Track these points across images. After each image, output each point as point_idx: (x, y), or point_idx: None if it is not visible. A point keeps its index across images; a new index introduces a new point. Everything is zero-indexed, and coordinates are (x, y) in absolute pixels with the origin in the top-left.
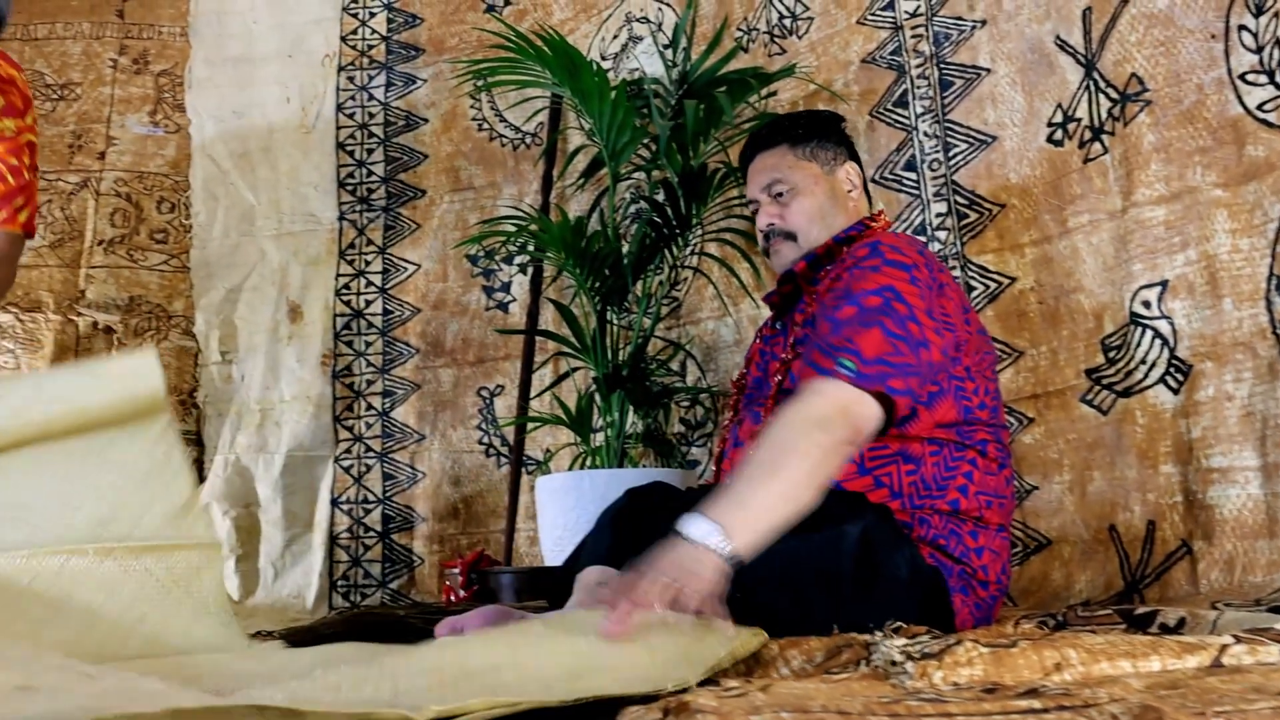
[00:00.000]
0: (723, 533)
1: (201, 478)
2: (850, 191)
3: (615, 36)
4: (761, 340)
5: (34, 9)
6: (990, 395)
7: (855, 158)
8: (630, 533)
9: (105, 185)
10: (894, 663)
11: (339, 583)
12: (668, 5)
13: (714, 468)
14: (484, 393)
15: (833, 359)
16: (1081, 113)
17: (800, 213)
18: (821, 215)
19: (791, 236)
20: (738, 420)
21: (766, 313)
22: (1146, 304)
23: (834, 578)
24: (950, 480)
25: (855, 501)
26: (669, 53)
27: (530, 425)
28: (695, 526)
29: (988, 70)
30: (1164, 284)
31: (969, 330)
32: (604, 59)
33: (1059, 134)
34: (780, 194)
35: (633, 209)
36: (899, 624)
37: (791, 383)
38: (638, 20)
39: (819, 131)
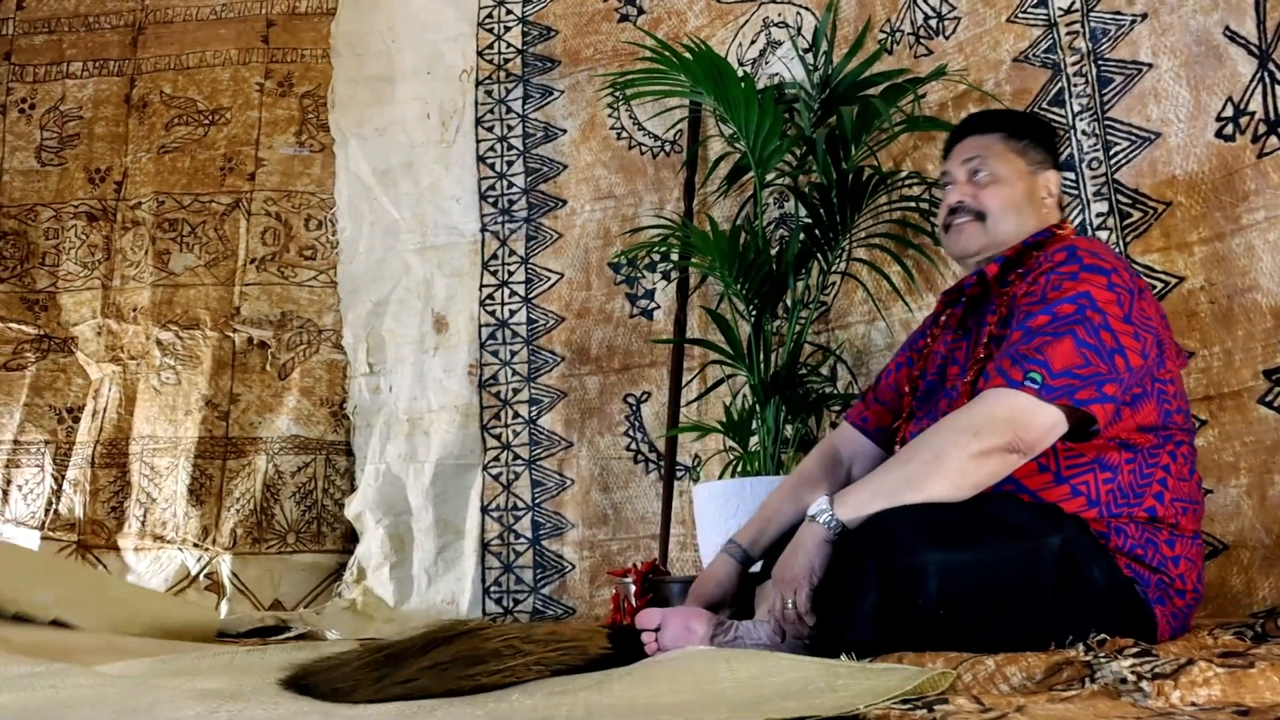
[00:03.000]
0: (830, 507)
1: (352, 487)
2: (1045, 198)
3: (753, 42)
4: (931, 339)
5: (185, 40)
6: (1183, 399)
7: (1059, 170)
8: None
9: (256, 205)
10: (1124, 681)
11: (491, 589)
12: (807, 9)
13: None
14: (630, 399)
15: (1022, 369)
16: (1255, 106)
17: (995, 197)
18: (1016, 209)
19: (981, 218)
20: (915, 415)
21: (917, 315)
22: None
23: (1035, 591)
24: (1146, 487)
25: (1052, 513)
26: (809, 57)
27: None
28: (816, 504)
29: (1149, 65)
30: None
31: (1170, 333)
32: (741, 64)
33: (1229, 129)
34: (979, 174)
35: (778, 214)
36: (1103, 635)
37: (986, 382)
38: (775, 25)
39: (1034, 132)
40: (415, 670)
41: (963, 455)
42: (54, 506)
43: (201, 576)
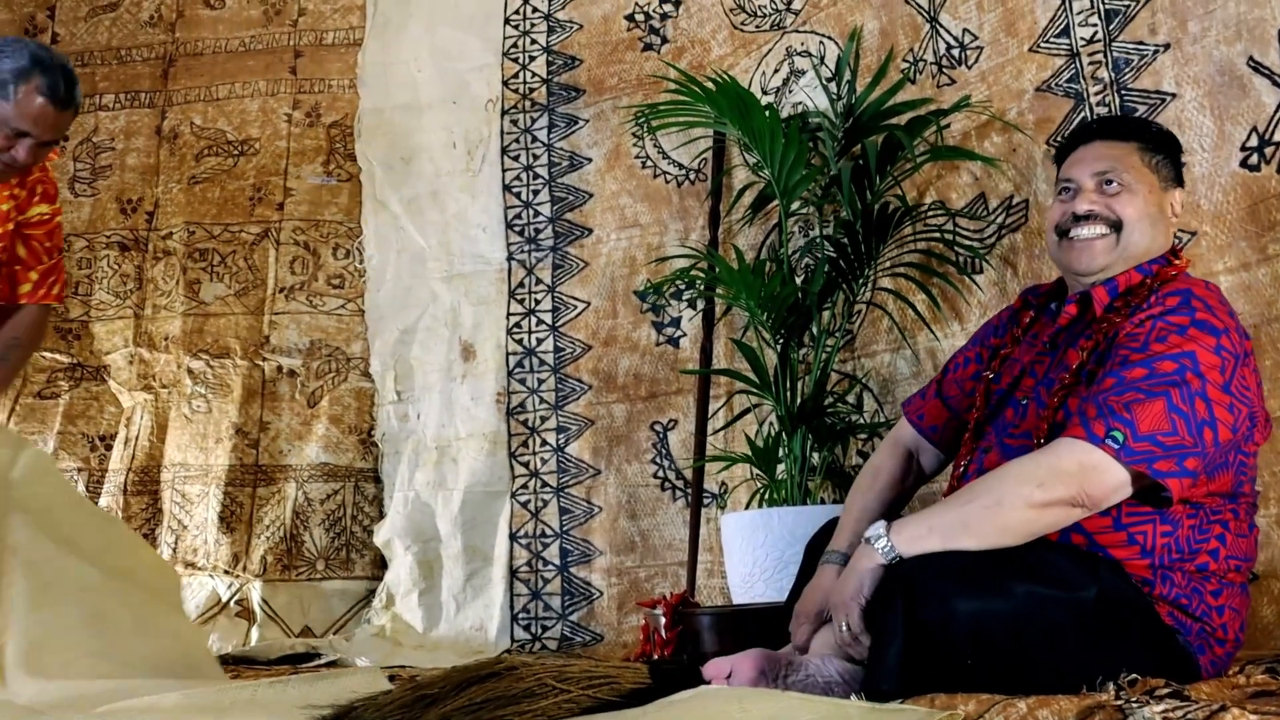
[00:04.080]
0: (888, 534)
1: (381, 514)
2: (1172, 219)
3: (776, 70)
4: (1012, 340)
5: (215, 71)
6: (1255, 469)
7: (1182, 188)
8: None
9: (284, 234)
10: None
11: (520, 615)
12: (829, 38)
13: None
14: (657, 427)
15: (1105, 424)
16: None
17: (1132, 205)
18: (1151, 221)
19: (1117, 227)
20: (980, 426)
21: (943, 343)
22: None
23: (1068, 641)
24: (1203, 543)
25: (1089, 562)
26: (833, 86)
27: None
28: (873, 529)
29: (1173, 95)
30: None
31: (1262, 400)
32: (764, 93)
33: (1254, 159)
34: (1111, 183)
35: (803, 241)
36: (1134, 675)
37: (1067, 417)
38: (799, 54)
39: (1167, 147)
40: (450, 710)
41: (1023, 504)
42: None
43: (232, 603)
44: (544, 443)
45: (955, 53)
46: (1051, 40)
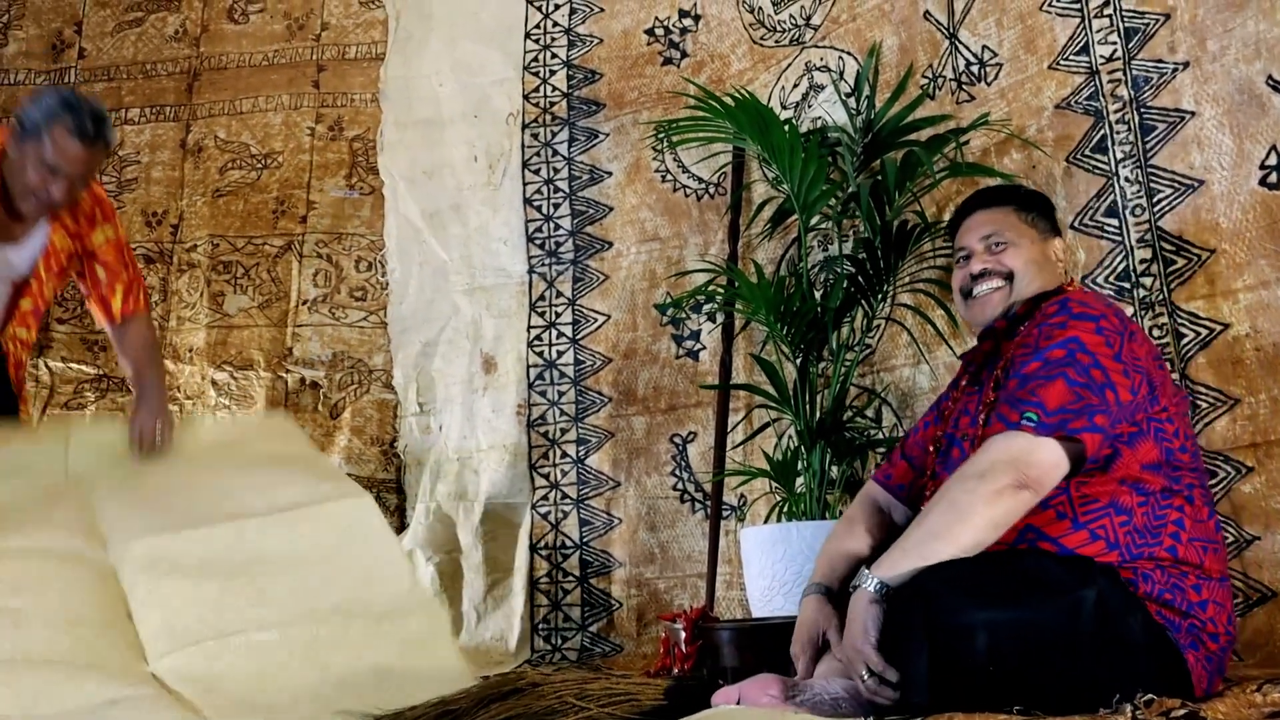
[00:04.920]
0: (871, 573)
1: (403, 525)
2: (1057, 262)
3: (795, 85)
4: (954, 400)
5: (239, 85)
6: (1190, 439)
7: (1062, 237)
8: None
9: (307, 247)
10: None
11: (540, 626)
12: (849, 54)
13: None
14: (676, 439)
15: (1019, 411)
16: None
17: (1018, 257)
18: (1038, 267)
19: (1009, 278)
20: (935, 472)
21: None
22: None
23: (1077, 645)
24: (1162, 527)
25: (1083, 566)
26: (852, 101)
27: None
28: (858, 577)
29: (1192, 113)
30: None
31: (1163, 373)
32: (784, 108)
33: (1273, 176)
34: (998, 243)
35: (822, 256)
36: (1150, 695)
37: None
38: (818, 69)
39: (1040, 206)
40: None
41: (975, 500)
42: None
43: None
44: (564, 455)
45: (975, 69)
46: (1071, 58)
